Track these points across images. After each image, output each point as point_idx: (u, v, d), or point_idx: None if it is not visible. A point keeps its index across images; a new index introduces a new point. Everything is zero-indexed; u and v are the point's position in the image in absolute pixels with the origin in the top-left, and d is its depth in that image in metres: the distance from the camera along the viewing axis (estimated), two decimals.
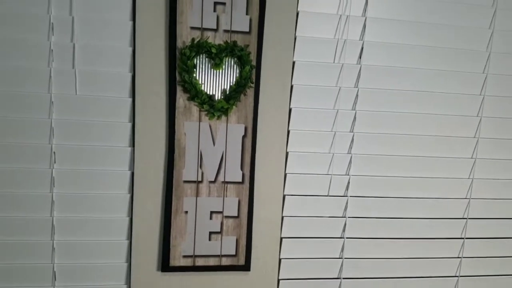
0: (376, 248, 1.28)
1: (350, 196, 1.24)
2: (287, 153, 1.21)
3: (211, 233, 1.17)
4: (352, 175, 1.24)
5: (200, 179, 1.15)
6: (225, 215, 1.17)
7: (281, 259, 1.24)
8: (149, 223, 1.16)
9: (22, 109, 1.07)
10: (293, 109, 1.19)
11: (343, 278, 1.27)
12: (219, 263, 1.19)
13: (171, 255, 1.16)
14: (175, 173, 1.13)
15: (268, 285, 1.24)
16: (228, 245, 1.19)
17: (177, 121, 1.12)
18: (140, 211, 1.15)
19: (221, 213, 1.17)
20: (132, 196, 1.15)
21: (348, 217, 1.25)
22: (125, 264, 1.17)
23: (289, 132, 1.20)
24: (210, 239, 1.18)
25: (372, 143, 1.24)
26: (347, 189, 1.24)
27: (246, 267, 1.21)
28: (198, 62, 1.11)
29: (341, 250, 1.26)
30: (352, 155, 1.23)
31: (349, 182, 1.24)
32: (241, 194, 1.17)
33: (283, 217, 1.23)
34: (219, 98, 1.13)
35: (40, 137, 1.09)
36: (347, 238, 1.26)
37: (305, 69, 1.18)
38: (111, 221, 1.15)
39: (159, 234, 1.17)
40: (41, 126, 1.08)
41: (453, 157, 1.29)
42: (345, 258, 1.26)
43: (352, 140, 1.23)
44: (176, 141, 1.12)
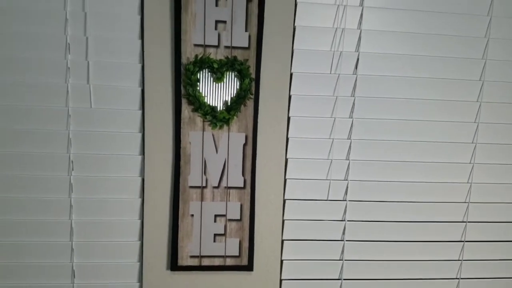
0: (376, 250, 1.31)
1: (349, 200, 1.28)
2: (287, 160, 1.25)
3: (215, 235, 1.23)
4: (350, 180, 1.27)
5: (204, 185, 1.21)
6: (228, 218, 1.23)
7: (283, 260, 1.28)
8: (159, 226, 1.23)
9: (42, 122, 1.15)
10: (291, 117, 1.23)
11: (344, 279, 1.31)
12: (224, 263, 1.25)
13: (179, 255, 1.23)
14: (181, 179, 1.20)
15: (271, 284, 1.29)
16: (231, 246, 1.24)
17: (182, 131, 1.18)
18: (150, 214, 1.22)
19: (225, 216, 1.23)
20: (143, 200, 1.21)
21: (347, 221, 1.28)
22: (138, 263, 1.24)
23: (288, 139, 1.24)
24: (214, 241, 1.23)
25: (369, 149, 1.27)
26: (346, 194, 1.28)
27: (249, 267, 1.26)
28: (201, 76, 1.17)
29: (341, 252, 1.30)
30: (350, 161, 1.26)
31: (347, 187, 1.27)
32: (243, 198, 1.23)
33: (284, 221, 1.27)
34: (221, 109, 1.18)
35: (59, 147, 1.16)
36: (346, 240, 1.29)
37: (303, 79, 1.22)
38: (124, 224, 1.22)
39: (168, 235, 1.23)
40: (59, 137, 1.16)
41: (451, 162, 1.31)
42: (345, 260, 1.30)
43: (349, 146, 1.26)
44: (182, 149, 1.19)
